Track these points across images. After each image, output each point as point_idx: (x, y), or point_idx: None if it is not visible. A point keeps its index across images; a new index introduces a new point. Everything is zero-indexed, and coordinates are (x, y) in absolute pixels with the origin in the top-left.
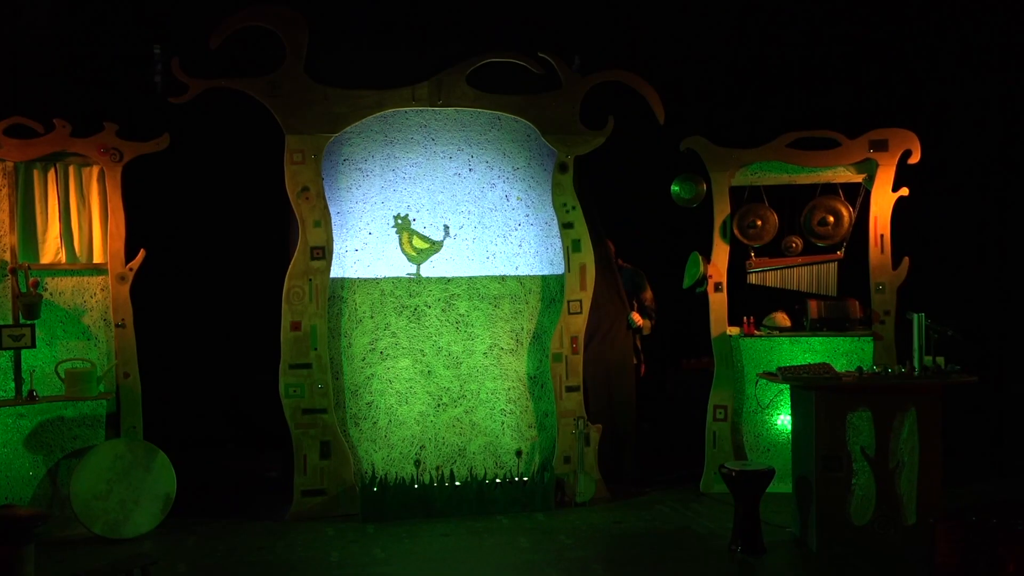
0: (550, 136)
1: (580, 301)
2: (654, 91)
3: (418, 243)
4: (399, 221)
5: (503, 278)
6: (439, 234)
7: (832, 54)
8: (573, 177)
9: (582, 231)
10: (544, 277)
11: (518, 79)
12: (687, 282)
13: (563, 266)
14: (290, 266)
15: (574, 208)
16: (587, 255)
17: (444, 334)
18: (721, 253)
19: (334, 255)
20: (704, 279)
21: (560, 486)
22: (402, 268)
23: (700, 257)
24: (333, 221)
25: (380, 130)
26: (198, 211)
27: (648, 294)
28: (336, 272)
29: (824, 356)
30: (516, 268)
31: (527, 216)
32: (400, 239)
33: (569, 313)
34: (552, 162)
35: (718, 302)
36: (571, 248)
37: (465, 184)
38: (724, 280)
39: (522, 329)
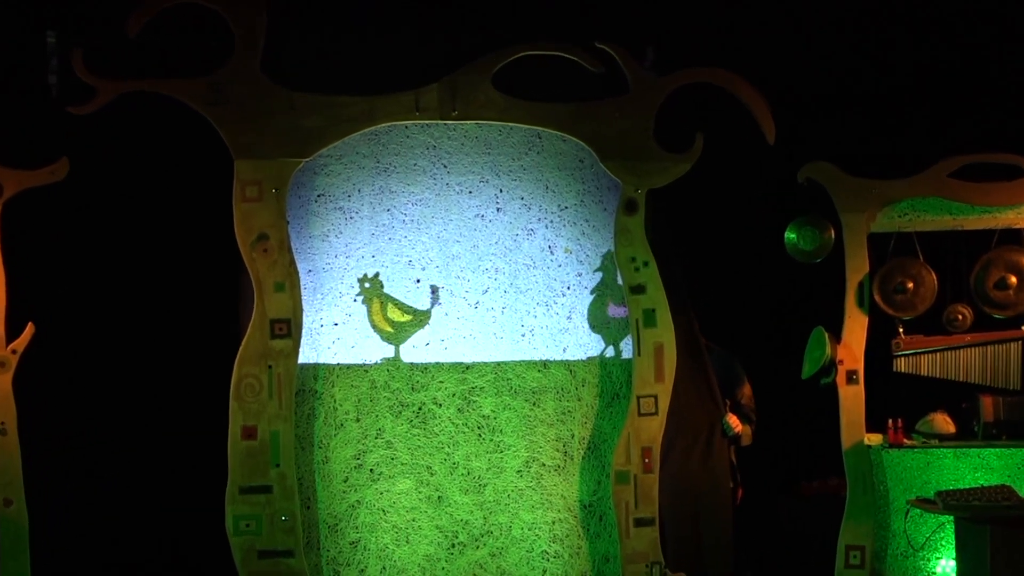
0: (612, 162)
1: (655, 397)
2: (763, 99)
3: (394, 314)
4: (366, 285)
5: (545, 364)
6: (424, 301)
7: (1016, 52)
8: (645, 220)
9: (658, 297)
10: (604, 362)
11: (566, 81)
12: (808, 370)
13: (631, 347)
14: (241, 346)
15: (646, 264)
16: (665, 332)
17: (461, 444)
18: (856, 328)
19: (304, 331)
20: (832, 366)
21: None
22: (402, 348)
23: (826, 335)
24: (303, 283)
25: (370, 153)
26: (111, 268)
27: (747, 388)
28: (307, 356)
29: (1004, 476)
30: (564, 350)
31: (579, 276)
32: (368, 310)
33: (640, 414)
34: (615, 199)
35: (852, 398)
36: (642, 322)
37: (491, 230)
38: (861, 367)
39: (572, 437)
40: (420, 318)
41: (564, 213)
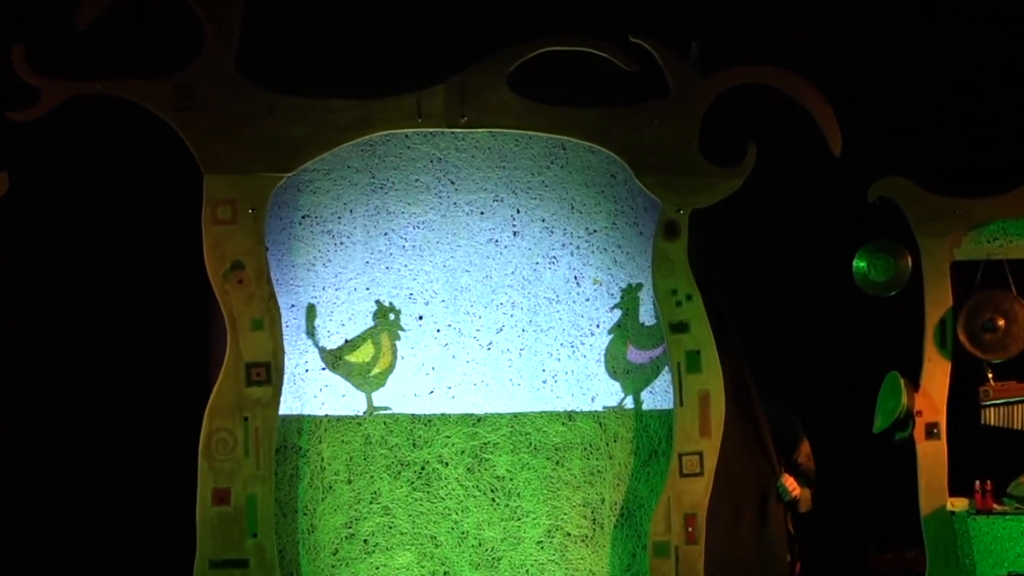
0: (649, 176)
1: (700, 455)
2: (827, 102)
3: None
4: (390, 317)
5: (570, 416)
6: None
7: None
8: (688, 245)
9: (703, 337)
10: (640, 414)
11: (595, 82)
12: (880, 423)
13: (671, 396)
14: (212, 395)
15: (689, 298)
16: (712, 378)
17: (471, 510)
18: (937, 374)
19: (286, 377)
20: (909, 418)
21: None
22: (401, 397)
23: (902, 382)
24: (285, 320)
25: (364, 167)
26: (59, 302)
27: (806, 446)
28: (289, 406)
29: None
30: (592, 399)
31: (611, 312)
32: (375, 345)
33: (682, 475)
34: (652, 220)
35: (933, 456)
36: (685, 366)
37: (507, 258)
38: (943, 419)
39: (602, 502)
40: (377, 358)
41: (593, 238)
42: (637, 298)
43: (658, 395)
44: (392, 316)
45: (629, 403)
